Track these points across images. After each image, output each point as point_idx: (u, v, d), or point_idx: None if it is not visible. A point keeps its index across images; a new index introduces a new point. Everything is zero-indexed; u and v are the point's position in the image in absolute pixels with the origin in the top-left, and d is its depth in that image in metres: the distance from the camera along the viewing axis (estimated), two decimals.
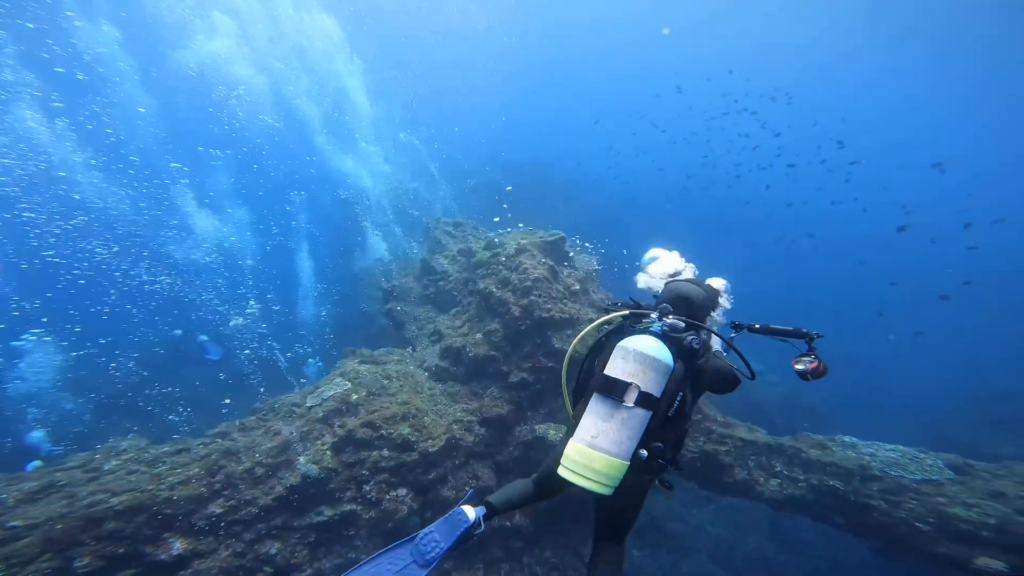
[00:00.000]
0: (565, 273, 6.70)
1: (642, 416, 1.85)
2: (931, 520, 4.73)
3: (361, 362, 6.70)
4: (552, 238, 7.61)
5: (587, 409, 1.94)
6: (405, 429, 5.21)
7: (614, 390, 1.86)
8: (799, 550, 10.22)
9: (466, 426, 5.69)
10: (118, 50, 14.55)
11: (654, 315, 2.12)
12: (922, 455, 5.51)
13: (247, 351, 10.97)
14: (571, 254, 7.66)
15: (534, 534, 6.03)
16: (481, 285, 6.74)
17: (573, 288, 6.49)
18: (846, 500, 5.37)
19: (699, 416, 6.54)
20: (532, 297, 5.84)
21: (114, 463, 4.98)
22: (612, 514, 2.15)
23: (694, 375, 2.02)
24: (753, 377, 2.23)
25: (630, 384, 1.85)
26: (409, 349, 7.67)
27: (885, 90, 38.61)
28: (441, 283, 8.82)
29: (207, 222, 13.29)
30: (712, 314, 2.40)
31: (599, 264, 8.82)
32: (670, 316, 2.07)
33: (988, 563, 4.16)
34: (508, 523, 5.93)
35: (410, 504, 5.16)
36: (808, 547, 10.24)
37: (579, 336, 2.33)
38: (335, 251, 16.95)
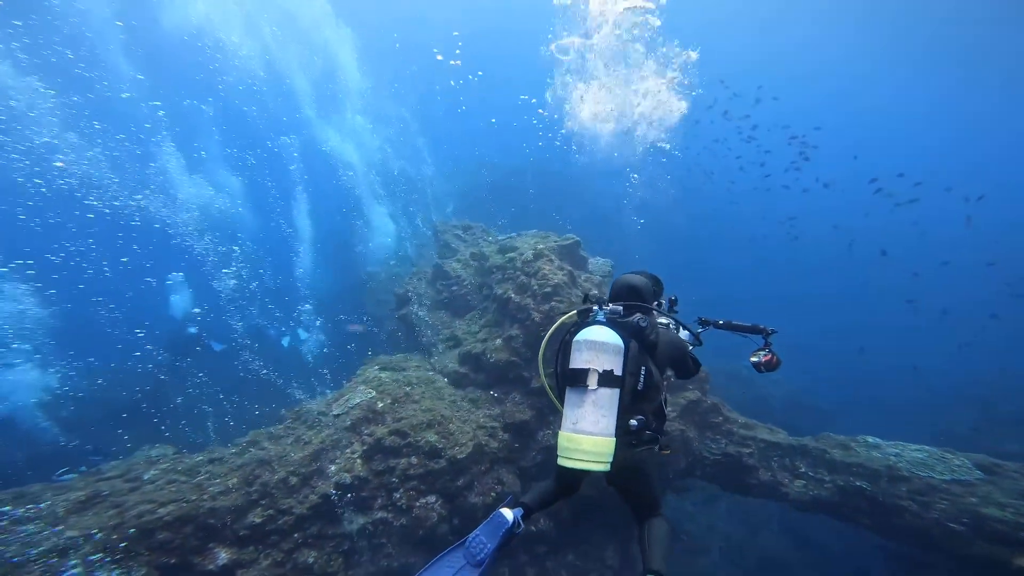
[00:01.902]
0: (583, 278, 6.74)
1: (608, 394, 2.05)
2: (965, 521, 4.70)
3: (381, 369, 6.82)
4: (567, 242, 7.65)
5: (565, 402, 2.16)
6: (432, 436, 5.30)
7: (578, 379, 2.09)
8: (810, 548, 10.27)
9: (490, 432, 5.77)
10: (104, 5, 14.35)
11: (595, 307, 2.35)
12: (949, 455, 5.47)
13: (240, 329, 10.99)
14: (587, 258, 7.68)
15: (557, 539, 6.11)
16: (499, 291, 6.80)
17: (591, 292, 6.52)
18: (874, 501, 5.36)
19: (720, 419, 6.56)
20: (553, 303, 5.89)
21: (153, 472, 5.16)
22: (632, 492, 2.29)
23: (650, 350, 2.23)
24: (700, 343, 2.62)
25: (589, 370, 2.06)
26: (425, 355, 7.77)
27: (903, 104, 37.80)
28: (455, 288, 8.90)
29: (193, 181, 13.00)
30: (659, 300, 2.69)
31: (612, 266, 8.85)
32: (608, 304, 2.33)
33: None
34: (533, 528, 6.01)
35: (440, 511, 5.25)
36: (819, 545, 10.29)
37: (543, 344, 2.64)
38: (329, 225, 17.00)
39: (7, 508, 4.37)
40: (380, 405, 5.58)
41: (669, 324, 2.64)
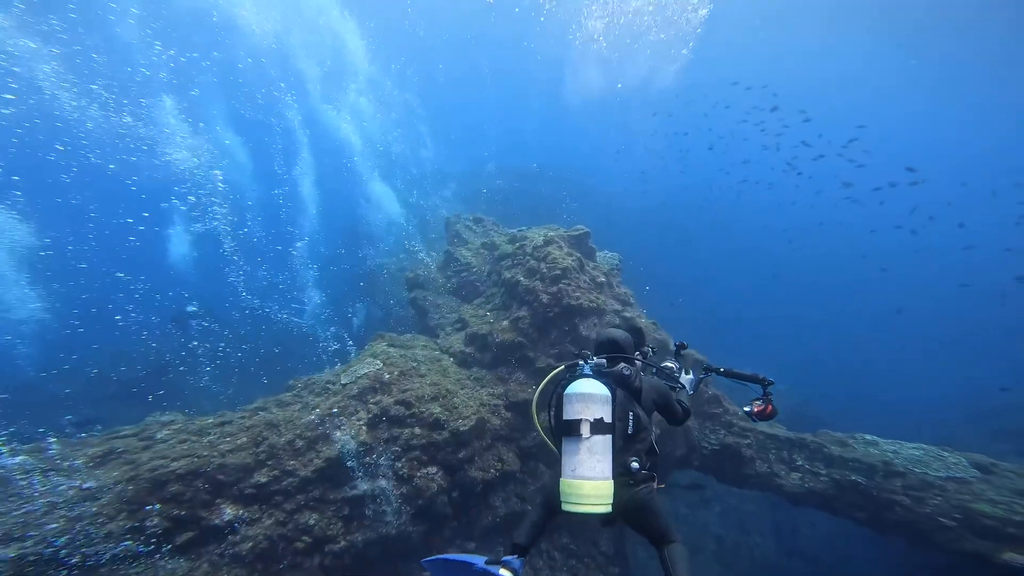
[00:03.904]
0: (591, 266, 6.85)
1: (602, 441, 2.19)
2: (956, 516, 4.76)
3: (389, 345, 6.95)
4: (577, 233, 7.77)
5: (563, 450, 2.29)
6: (436, 408, 5.42)
7: (572, 429, 2.23)
8: (800, 552, 10.37)
9: (492, 409, 5.88)
10: None
11: (581, 361, 2.50)
12: (946, 453, 5.53)
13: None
14: (595, 250, 7.79)
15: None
16: (507, 275, 6.92)
17: (599, 280, 6.63)
18: (868, 495, 5.42)
19: (720, 410, 6.64)
20: (561, 285, 6.00)
21: (165, 432, 5.29)
22: (641, 527, 2.40)
23: (635, 396, 2.39)
24: (681, 386, 2.73)
25: (581, 420, 2.21)
26: (432, 337, 7.89)
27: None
28: (464, 274, 9.04)
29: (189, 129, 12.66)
30: (642, 350, 2.82)
31: (620, 261, 8.96)
32: (593, 358, 2.48)
33: (1015, 557, 4.20)
34: (530, 508, 6.11)
35: (440, 482, 5.36)
36: (809, 550, 10.38)
37: (537, 393, 2.70)
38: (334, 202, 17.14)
39: (29, 460, 4.52)
40: (387, 376, 5.70)
41: (666, 368, 2.84)
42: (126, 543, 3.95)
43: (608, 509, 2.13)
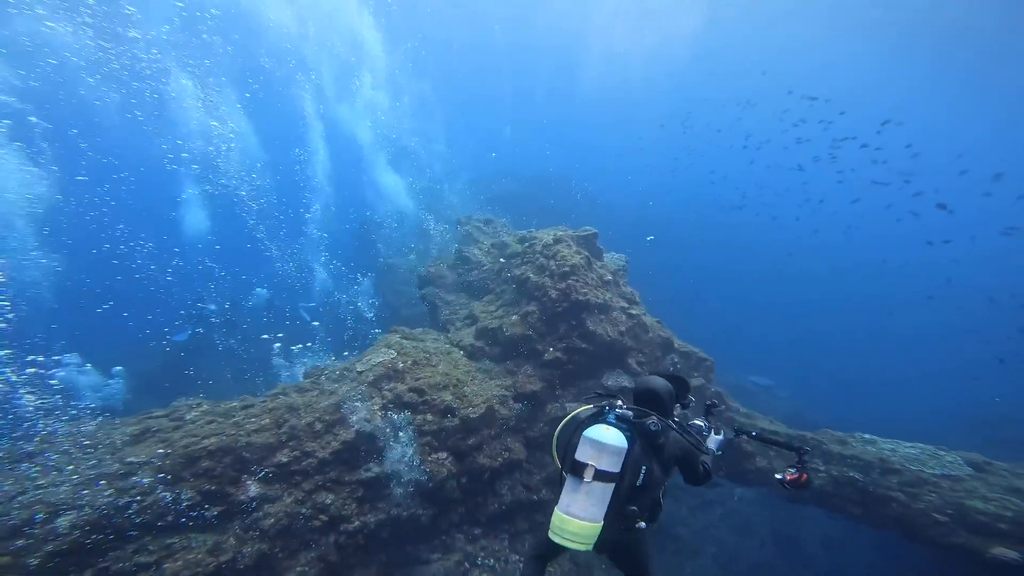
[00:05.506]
0: (598, 265, 7.08)
1: (602, 487, 2.24)
2: (949, 512, 4.91)
3: (403, 337, 7.24)
4: (585, 233, 8.01)
5: (564, 485, 2.36)
6: (448, 396, 5.68)
7: (577, 470, 2.30)
8: (799, 558, 10.44)
9: (501, 400, 6.13)
10: None
11: (607, 408, 2.51)
12: (942, 452, 5.67)
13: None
14: (603, 251, 8.03)
15: None
16: (517, 272, 7.18)
17: (606, 278, 6.87)
18: (865, 491, 5.58)
19: (723, 407, 6.82)
20: (570, 281, 6.25)
21: (194, 414, 5.62)
22: (621, 565, 2.55)
23: (656, 451, 2.37)
24: (706, 453, 2.63)
25: (587, 464, 2.27)
26: (443, 332, 8.17)
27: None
28: (475, 272, 9.32)
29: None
30: (682, 402, 2.76)
31: (627, 262, 9.18)
32: (620, 408, 2.47)
33: (1003, 552, 4.34)
34: (535, 497, 6.34)
35: (449, 467, 5.61)
36: (809, 555, 10.44)
37: (558, 429, 2.75)
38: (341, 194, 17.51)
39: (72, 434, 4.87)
40: (401, 365, 5.98)
41: (694, 427, 2.75)
42: (168, 513, 4.27)
43: (588, 549, 2.21)
